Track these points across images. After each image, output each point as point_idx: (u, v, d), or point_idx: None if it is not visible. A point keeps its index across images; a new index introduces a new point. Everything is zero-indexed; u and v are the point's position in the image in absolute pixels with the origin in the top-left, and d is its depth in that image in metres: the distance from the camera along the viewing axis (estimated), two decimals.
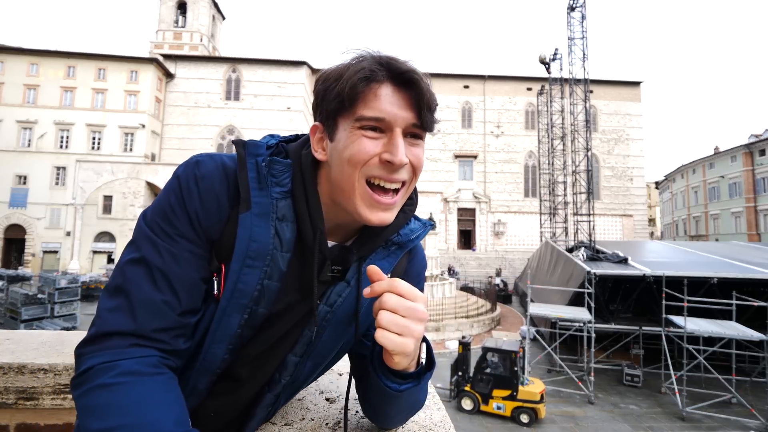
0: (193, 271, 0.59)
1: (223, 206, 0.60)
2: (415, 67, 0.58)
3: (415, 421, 0.87)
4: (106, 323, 0.53)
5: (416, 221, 0.74)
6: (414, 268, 0.78)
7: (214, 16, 44.05)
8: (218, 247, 0.61)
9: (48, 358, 1.02)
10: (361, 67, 0.56)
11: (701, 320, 10.40)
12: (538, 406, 9.01)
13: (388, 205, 0.60)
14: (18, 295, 13.45)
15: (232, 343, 0.63)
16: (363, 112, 0.56)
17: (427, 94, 0.57)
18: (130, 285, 0.55)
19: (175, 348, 0.57)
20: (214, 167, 0.61)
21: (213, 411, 0.69)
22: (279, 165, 0.62)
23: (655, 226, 56.39)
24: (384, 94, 0.56)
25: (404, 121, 0.57)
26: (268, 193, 0.61)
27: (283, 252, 0.62)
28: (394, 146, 0.57)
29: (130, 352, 0.52)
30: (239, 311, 0.61)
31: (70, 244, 28.25)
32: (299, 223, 0.62)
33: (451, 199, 37.01)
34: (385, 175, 0.58)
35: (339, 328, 0.69)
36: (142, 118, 32.29)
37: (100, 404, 0.47)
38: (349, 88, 0.56)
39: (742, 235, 33.65)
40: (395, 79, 0.57)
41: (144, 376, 0.51)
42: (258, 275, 0.61)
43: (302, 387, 0.78)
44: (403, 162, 0.57)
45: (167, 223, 0.58)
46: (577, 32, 21.95)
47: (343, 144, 0.58)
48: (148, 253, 0.56)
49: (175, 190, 0.59)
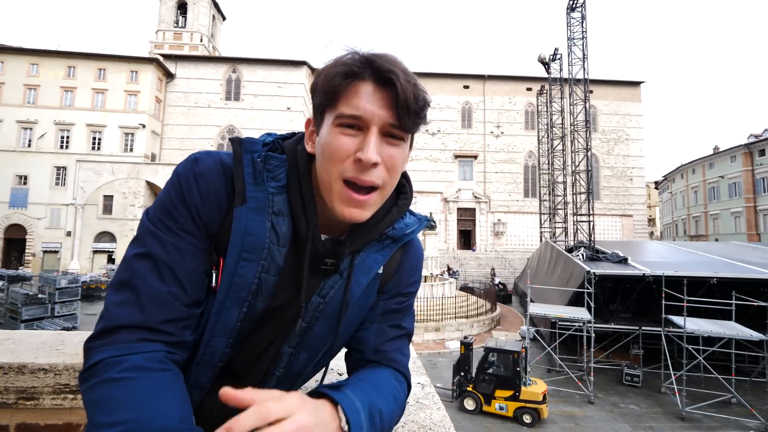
0: (196, 264, 0.60)
1: (221, 201, 0.62)
2: (399, 66, 0.57)
3: (415, 420, 0.87)
4: (114, 317, 0.54)
5: (411, 216, 0.75)
6: (409, 261, 0.78)
7: (214, 16, 44.07)
8: (217, 241, 0.62)
9: (48, 358, 1.02)
10: (342, 63, 0.57)
11: (701, 320, 10.39)
12: (540, 407, 9.00)
13: (361, 201, 0.59)
14: (18, 295, 13.46)
15: (232, 336, 0.64)
16: (342, 109, 0.57)
17: (406, 93, 0.56)
18: (137, 279, 0.56)
19: (183, 339, 0.59)
20: (213, 164, 0.62)
21: (216, 407, 0.69)
22: (274, 160, 0.63)
23: (654, 226, 56.40)
24: (363, 92, 0.56)
25: (381, 120, 0.56)
26: (264, 188, 0.62)
27: (279, 246, 0.63)
28: (366, 144, 0.56)
29: (138, 347, 0.53)
30: (238, 304, 0.62)
31: (71, 244, 28.27)
32: (294, 217, 0.63)
33: (451, 199, 37.01)
34: (357, 176, 0.57)
35: (332, 319, 0.70)
36: (142, 118, 32.29)
37: (107, 398, 0.48)
38: (330, 85, 0.57)
39: (741, 235, 33.66)
40: (376, 77, 0.56)
41: (151, 371, 0.51)
42: (255, 268, 0.62)
43: (297, 381, 0.78)
44: (370, 160, 0.56)
45: (169, 218, 0.59)
46: (576, 32, 21.95)
47: (324, 140, 0.59)
48: (153, 247, 0.58)
49: (176, 186, 0.60)
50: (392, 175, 0.61)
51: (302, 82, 36.16)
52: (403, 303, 0.79)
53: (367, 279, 0.70)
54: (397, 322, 0.78)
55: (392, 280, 0.76)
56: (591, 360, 10.93)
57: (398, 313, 0.78)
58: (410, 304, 0.81)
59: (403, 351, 0.78)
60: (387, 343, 0.76)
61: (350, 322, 0.73)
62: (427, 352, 13.99)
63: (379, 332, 0.76)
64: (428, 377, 1.14)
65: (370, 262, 0.70)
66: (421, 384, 1.08)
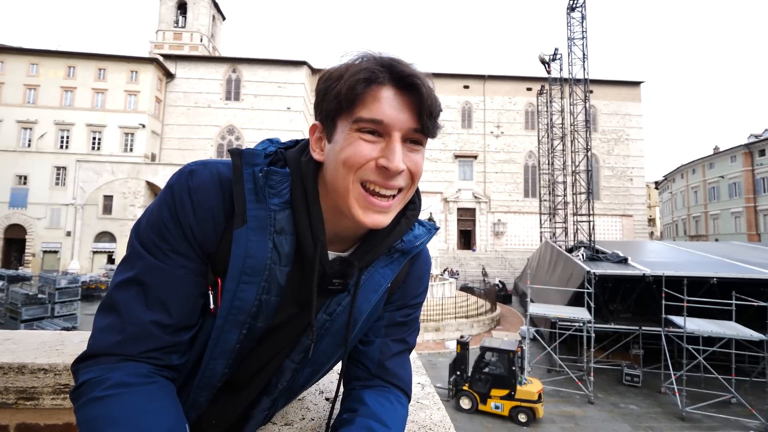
0: (187, 288, 0.57)
1: (218, 219, 0.58)
2: (419, 71, 0.56)
3: (415, 421, 0.87)
4: (98, 343, 0.54)
5: (420, 227, 0.72)
6: (416, 271, 0.76)
7: (214, 16, 44.06)
8: (213, 261, 0.59)
9: (48, 358, 1.01)
10: (362, 68, 0.54)
11: (701, 320, 10.39)
12: (536, 406, 9.00)
13: (383, 207, 0.57)
14: (18, 295, 13.47)
15: (231, 357, 0.62)
16: (361, 113, 0.54)
17: (429, 99, 0.55)
18: (121, 306, 0.55)
19: (168, 363, 0.57)
20: (209, 178, 0.58)
21: (214, 418, 0.69)
22: (277, 175, 0.59)
23: (654, 226, 56.40)
24: (384, 97, 0.54)
25: (404, 126, 0.55)
26: (266, 206, 0.58)
27: (281, 266, 0.60)
28: (391, 152, 0.55)
29: (120, 366, 0.53)
30: (237, 327, 0.60)
31: (70, 244, 28.26)
32: (299, 235, 0.60)
33: (451, 199, 37.01)
34: (381, 181, 0.56)
35: (338, 336, 0.68)
36: (142, 118, 32.29)
37: (93, 417, 0.48)
38: (348, 89, 0.54)
39: (741, 235, 33.65)
40: (397, 82, 0.55)
41: (135, 386, 0.51)
42: (255, 291, 0.59)
43: (300, 392, 0.78)
44: (399, 169, 0.55)
45: (161, 239, 0.56)
46: (576, 32, 21.95)
47: (340, 146, 0.56)
48: (141, 272, 0.55)
49: (168, 202, 0.57)
50: (415, 181, 0.60)
51: (302, 82, 36.16)
52: (409, 316, 0.77)
53: (376, 296, 0.68)
54: (402, 336, 0.77)
55: (399, 291, 0.74)
56: (591, 360, 10.93)
57: (404, 326, 0.77)
58: (416, 317, 0.79)
59: (405, 366, 0.77)
60: (390, 360, 0.74)
61: (356, 335, 0.71)
62: (427, 352, 13.99)
63: (384, 347, 0.74)
64: (428, 377, 1.14)
65: (379, 278, 0.68)
66: (421, 384, 1.08)
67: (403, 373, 0.76)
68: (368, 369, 0.73)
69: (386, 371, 0.74)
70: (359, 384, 0.74)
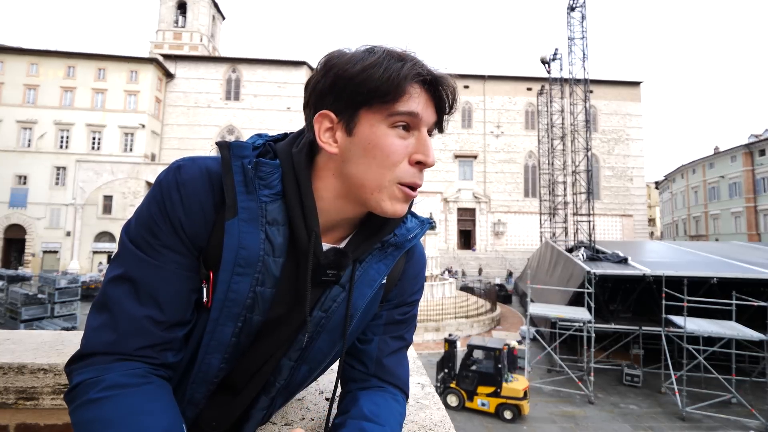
0: (179, 283, 0.57)
1: (208, 212, 0.57)
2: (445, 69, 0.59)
3: (415, 421, 0.87)
4: (90, 343, 0.53)
5: (413, 219, 0.71)
6: (412, 268, 0.75)
7: (214, 16, 44.09)
8: (205, 255, 0.58)
9: (48, 358, 1.01)
10: (399, 61, 0.55)
11: (701, 320, 10.39)
12: (521, 403, 8.98)
13: (411, 197, 0.59)
14: (18, 295, 13.45)
15: (228, 352, 0.62)
16: (398, 107, 0.54)
17: (454, 95, 0.58)
18: (113, 303, 0.54)
19: (163, 361, 0.56)
20: (197, 172, 0.57)
21: (214, 420, 0.69)
22: (266, 166, 0.58)
23: (655, 226, 56.39)
24: (415, 91, 0.55)
25: (429, 121, 0.57)
26: (256, 197, 0.57)
27: (275, 257, 0.59)
28: (426, 147, 0.57)
29: (114, 366, 0.52)
30: (232, 320, 0.59)
31: (70, 244, 28.29)
32: (292, 225, 0.59)
33: (451, 199, 37.02)
34: (415, 181, 0.58)
35: (334, 333, 0.67)
36: (142, 118, 32.31)
37: (89, 420, 0.48)
38: (388, 81, 0.53)
39: (742, 235, 33.65)
40: (428, 77, 0.56)
41: (130, 387, 0.51)
42: (249, 282, 0.58)
43: (298, 390, 0.77)
44: (434, 163, 0.57)
45: (150, 235, 0.55)
46: (577, 32, 21.97)
47: (369, 140, 0.55)
48: (132, 269, 0.55)
49: (157, 198, 0.56)
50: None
51: (302, 82, 36.14)
52: (407, 313, 0.77)
53: (371, 291, 0.67)
54: (400, 333, 0.77)
55: (396, 289, 0.74)
56: (591, 360, 10.92)
57: (402, 324, 0.77)
58: (414, 315, 0.79)
59: (403, 363, 0.77)
60: (388, 357, 0.74)
61: (353, 332, 0.71)
62: (427, 352, 13.99)
63: (382, 344, 0.74)
64: (428, 377, 1.13)
65: (373, 273, 0.67)
66: (421, 384, 1.07)
67: (400, 370, 0.76)
68: (366, 367, 0.73)
69: (384, 369, 0.74)
70: (356, 386, 0.74)
